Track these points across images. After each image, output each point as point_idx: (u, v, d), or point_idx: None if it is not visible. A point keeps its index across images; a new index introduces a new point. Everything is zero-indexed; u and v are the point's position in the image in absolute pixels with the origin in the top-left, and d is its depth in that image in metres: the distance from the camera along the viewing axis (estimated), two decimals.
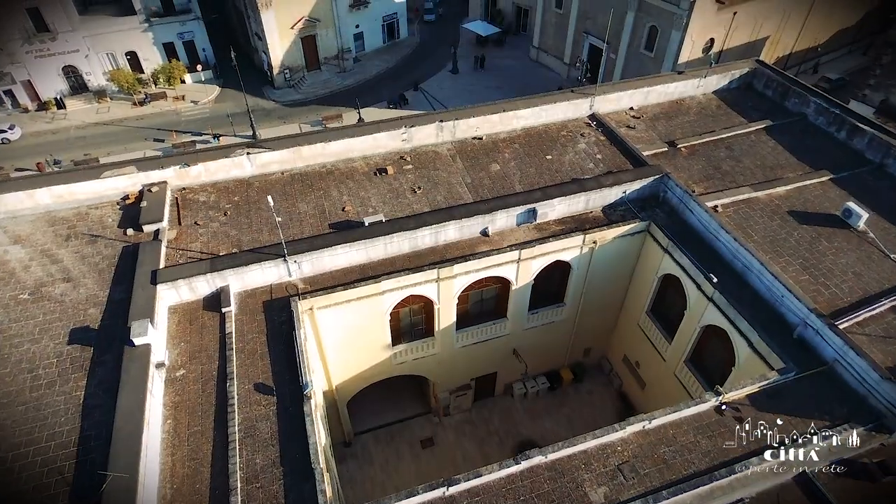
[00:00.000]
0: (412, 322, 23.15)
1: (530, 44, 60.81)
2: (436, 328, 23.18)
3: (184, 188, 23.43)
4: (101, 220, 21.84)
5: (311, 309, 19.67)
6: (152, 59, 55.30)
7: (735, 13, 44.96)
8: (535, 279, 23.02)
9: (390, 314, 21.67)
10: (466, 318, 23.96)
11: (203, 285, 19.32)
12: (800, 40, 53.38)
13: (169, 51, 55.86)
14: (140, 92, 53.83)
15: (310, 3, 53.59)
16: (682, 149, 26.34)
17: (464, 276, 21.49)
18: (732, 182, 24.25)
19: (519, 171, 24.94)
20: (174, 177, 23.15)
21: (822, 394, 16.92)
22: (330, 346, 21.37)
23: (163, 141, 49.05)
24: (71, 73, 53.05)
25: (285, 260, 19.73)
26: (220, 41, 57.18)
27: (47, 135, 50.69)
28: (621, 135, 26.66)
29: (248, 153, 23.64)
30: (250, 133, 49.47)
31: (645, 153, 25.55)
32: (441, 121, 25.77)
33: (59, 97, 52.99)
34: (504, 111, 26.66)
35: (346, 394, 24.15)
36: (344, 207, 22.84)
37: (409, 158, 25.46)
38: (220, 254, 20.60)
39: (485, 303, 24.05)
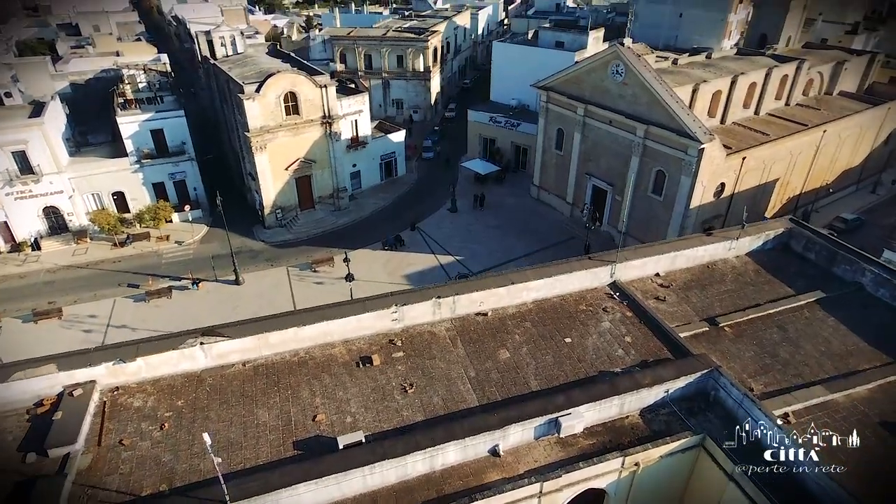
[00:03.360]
0: None
1: (531, 182, 59.52)
2: None
3: (117, 388, 18.77)
4: None
5: None
6: (140, 199, 53.25)
7: (744, 158, 43.44)
8: None
9: None
10: None
11: None
12: (809, 181, 51.99)
13: (158, 190, 54.05)
14: (122, 232, 51.13)
15: (305, 146, 52.60)
16: (726, 328, 22.17)
17: None
18: (797, 376, 19.74)
19: (533, 360, 20.48)
20: (106, 374, 18.59)
21: None
22: None
23: (137, 286, 45.20)
24: (52, 213, 50.54)
25: None
26: (215, 179, 55.71)
27: (14, 279, 46.94)
28: (651, 310, 22.59)
29: (201, 343, 19.30)
30: (233, 277, 45.94)
31: (683, 335, 21.36)
32: (439, 297, 21.79)
33: (35, 238, 50.09)
34: (512, 283, 22.81)
35: None
36: (315, 416, 18.02)
37: (399, 342, 21.11)
38: (143, 493, 15.46)
39: None
